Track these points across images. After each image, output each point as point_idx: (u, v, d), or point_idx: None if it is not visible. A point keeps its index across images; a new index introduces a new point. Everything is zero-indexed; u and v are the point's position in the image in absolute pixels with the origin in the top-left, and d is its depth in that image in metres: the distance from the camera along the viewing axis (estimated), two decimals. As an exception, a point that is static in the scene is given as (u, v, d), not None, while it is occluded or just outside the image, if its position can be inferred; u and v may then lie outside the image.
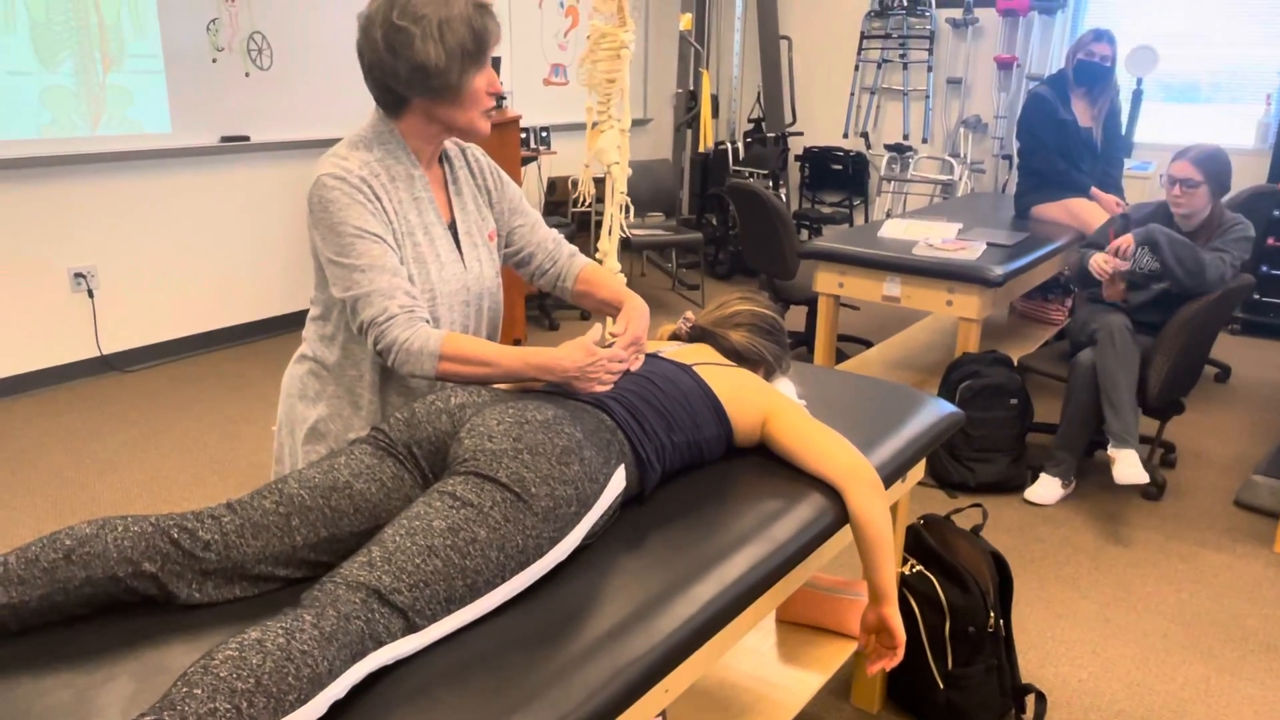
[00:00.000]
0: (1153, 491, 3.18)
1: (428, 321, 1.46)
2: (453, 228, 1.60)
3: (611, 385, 1.45)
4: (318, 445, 1.60)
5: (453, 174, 1.63)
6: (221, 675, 0.88)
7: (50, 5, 3.77)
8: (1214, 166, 2.98)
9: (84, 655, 1.08)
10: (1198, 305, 2.93)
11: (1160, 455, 3.48)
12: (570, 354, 1.42)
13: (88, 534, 1.14)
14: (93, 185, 4.05)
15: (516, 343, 4.65)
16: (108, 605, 1.16)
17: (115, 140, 4.06)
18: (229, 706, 0.87)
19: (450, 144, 1.65)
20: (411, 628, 1.05)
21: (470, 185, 1.66)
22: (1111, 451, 2.91)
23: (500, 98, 1.56)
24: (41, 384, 4.04)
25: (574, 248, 1.78)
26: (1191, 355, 3.03)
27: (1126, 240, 2.99)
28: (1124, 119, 4.36)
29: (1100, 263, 3.08)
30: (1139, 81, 4.73)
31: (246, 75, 4.46)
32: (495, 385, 1.63)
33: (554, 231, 1.77)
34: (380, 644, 1.02)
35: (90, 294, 4.12)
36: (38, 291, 3.96)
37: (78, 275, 4.06)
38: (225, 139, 4.42)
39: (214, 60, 4.33)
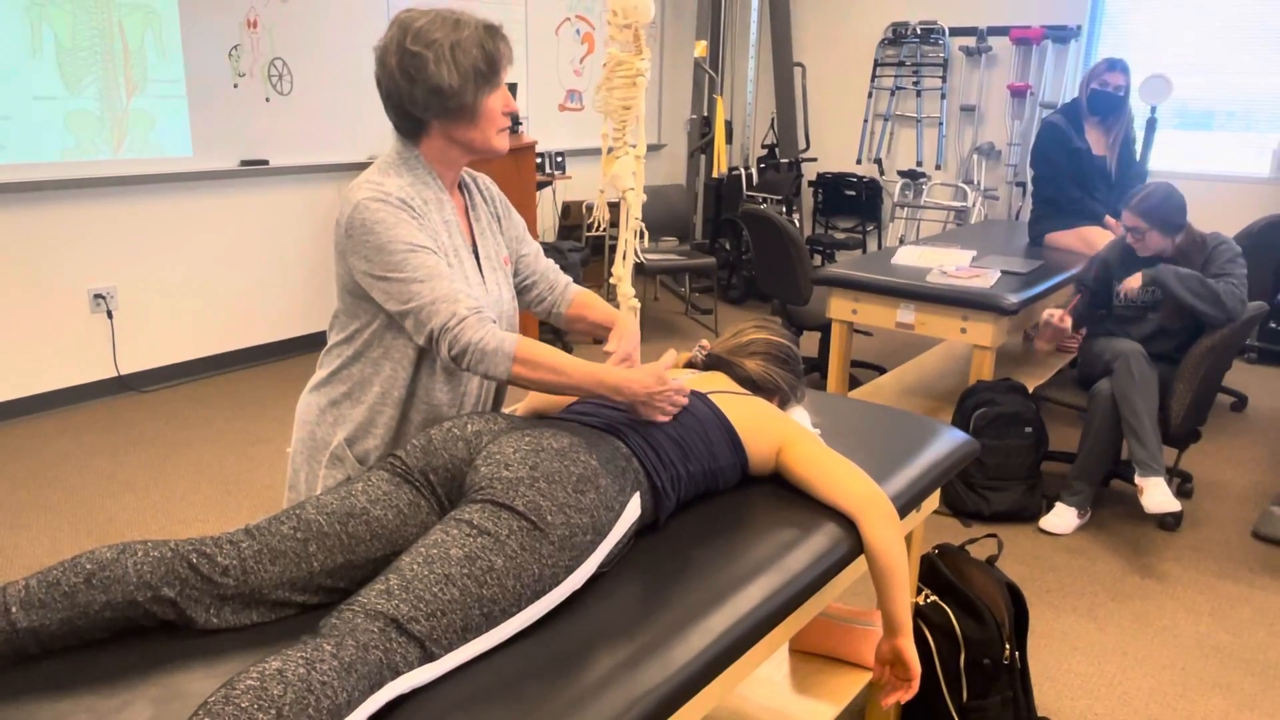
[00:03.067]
0: (1170, 522, 3.16)
1: (495, 322, 1.48)
2: (474, 252, 1.63)
3: (671, 418, 1.46)
4: (335, 471, 1.60)
5: (471, 200, 1.67)
6: (243, 706, 0.89)
7: (76, 30, 3.84)
8: (1157, 214, 3.04)
9: (103, 679, 1.09)
10: (1219, 334, 2.92)
11: (1177, 485, 3.45)
12: (642, 379, 1.42)
13: (107, 558, 1.15)
14: (114, 207, 4.11)
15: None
16: (127, 629, 1.17)
17: (137, 164, 4.12)
18: (248, 736, 0.87)
19: (465, 173, 1.69)
20: (428, 657, 1.05)
21: (486, 211, 1.70)
22: (1139, 480, 2.89)
23: (516, 119, 1.58)
24: (60, 403, 4.08)
25: (569, 278, 1.83)
26: (1210, 383, 3.02)
27: (1134, 282, 3.04)
28: (1138, 147, 4.37)
29: (1051, 318, 3.25)
30: (1153, 110, 4.74)
31: (267, 100, 4.52)
32: (518, 410, 1.65)
33: (550, 261, 1.82)
34: (398, 674, 1.02)
35: (109, 315, 4.16)
36: (58, 311, 4.01)
37: (97, 296, 4.11)
38: (245, 163, 4.48)
39: (235, 85, 4.39)
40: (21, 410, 3.96)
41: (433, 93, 1.47)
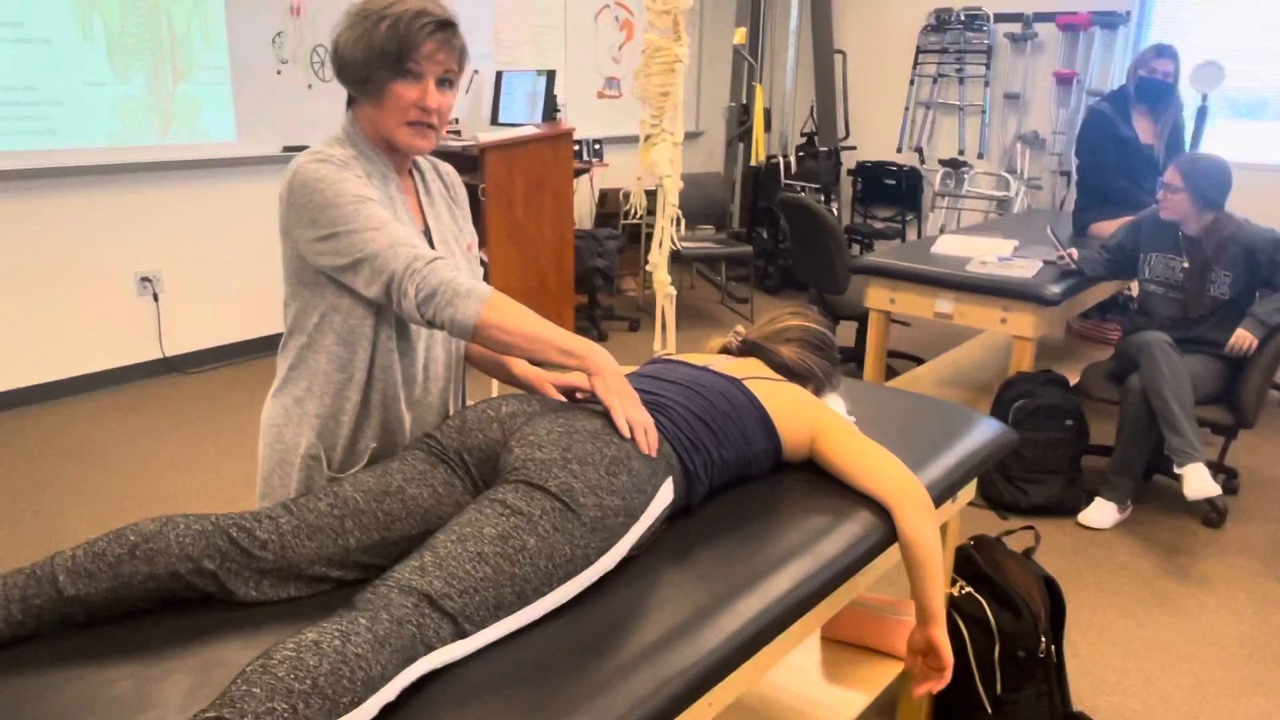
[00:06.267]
0: (1214, 518, 3.10)
1: None
2: (426, 234, 1.54)
3: (624, 423, 1.33)
4: (313, 471, 1.49)
5: (424, 184, 1.58)
6: (279, 675, 0.91)
7: (125, 18, 3.91)
8: (1196, 177, 2.99)
9: (145, 648, 1.12)
10: None
11: (1223, 481, 3.38)
12: (614, 362, 1.37)
13: (151, 531, 1.17)
14: (160, 192, 4.18)
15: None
16: (169, 601, 1.20)
17: (183, 149, 4.19)
18: (286, 706, 0.89)
19: (420, 158, 1.60)
20: (461, 633, 1.07)
21: (444, 197, 1.60)
22: (1178, 469, 2.85)
23: (428, 124, 1.40)
24: (107, 384, 4.17)
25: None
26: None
27: (1245, 341, 2.96)
28: (1188, 136, 4.27)
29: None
30: (1204, 98, 4.62)
31: (309, 87, 4.58)
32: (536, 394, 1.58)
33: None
34: (431, 649, 1.03)
35: (155, 297, 4.25)
36: (105, 294, 4.10)
37: (144, 279, 4.19)
38: (288, 148, 4.53)
39: (278, 72, 4.45)
40: (70, 390, 4.06)
41: (337, 58, 1.42)
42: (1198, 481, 2.79)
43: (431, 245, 1.52)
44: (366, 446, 1.49)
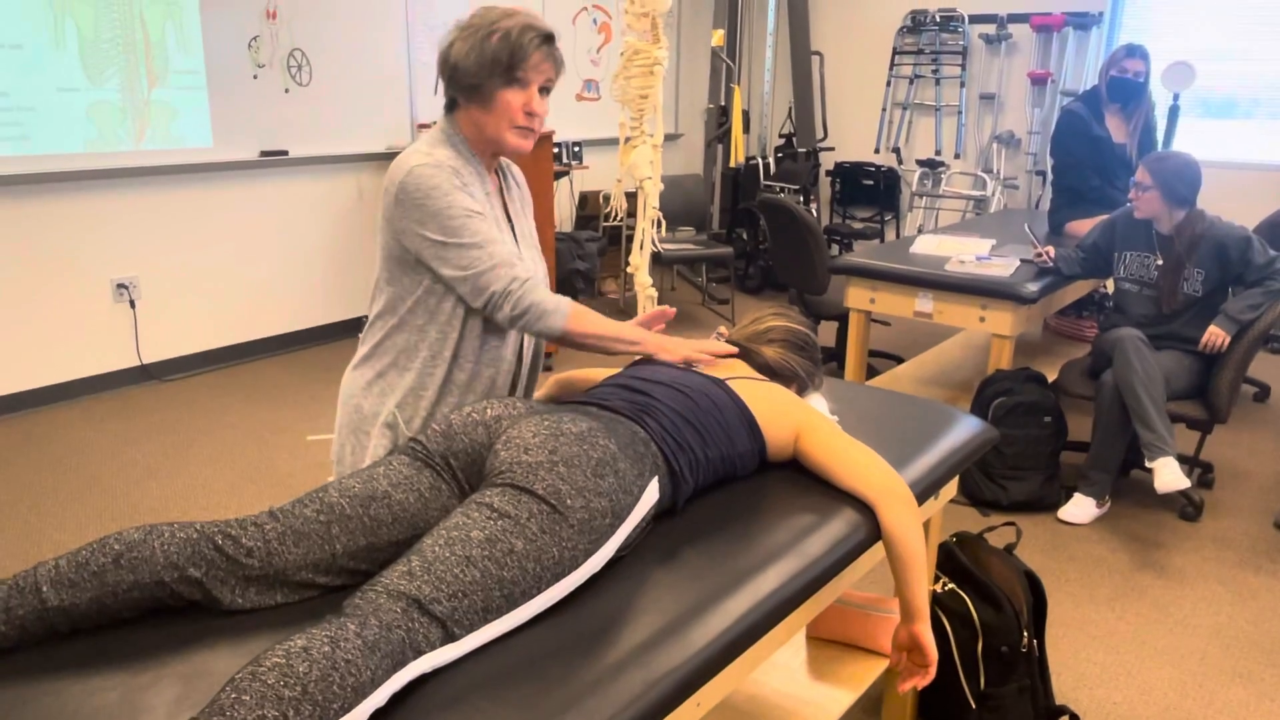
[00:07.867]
0: (1190, 512, 3.14)
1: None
2: (511, 228, 1.72)
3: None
4: (384, 439, 1.67)
5: (506, 183, 1.76)
6: (269, 682, 0.90)
7: (99, 23, 3.87)
8: (1165, 174, 3.03)
9: (131, 658, 1.11)
10: (1267, 320, 3.00)
11: (1198, 475, 3.43)
12: (682, 343, 1.62)
13: (135, 539, 1.17)
14: (136, 198, 4.14)
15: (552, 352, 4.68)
16: (154, 609, 1.19)
17: (158, 154, 4.16)
18: (276, 713, 0.89)
19: (503, 160, 1.77)
20: (450, 637, 1.07)
21: (519, 195, 1.79)
22: (1149, 463, 2.89)
23: (531, 128, 1.65)
24: (83, 392, 4.13)
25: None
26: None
27: (1217, 338, 3.00)
28: (1160, 135, 4.33)
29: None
30: (1175, 97, 4.69)
31: (286, 91, 4.55)
32: (539, 395, 1.75)
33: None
34: (420, 653, 1.03)
35: (132, 304, 4.21)
36: (81, 301, 4.05)
37: (120, 286, 4.15)
38: (265, 154, 4.50)
39: (255, 76, 4.42)
40: (46, 399, 4.02)
41: (450, 67, 1.58)
42: (1168, 475, 2.83)
43: (515, 241, 1.71)
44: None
